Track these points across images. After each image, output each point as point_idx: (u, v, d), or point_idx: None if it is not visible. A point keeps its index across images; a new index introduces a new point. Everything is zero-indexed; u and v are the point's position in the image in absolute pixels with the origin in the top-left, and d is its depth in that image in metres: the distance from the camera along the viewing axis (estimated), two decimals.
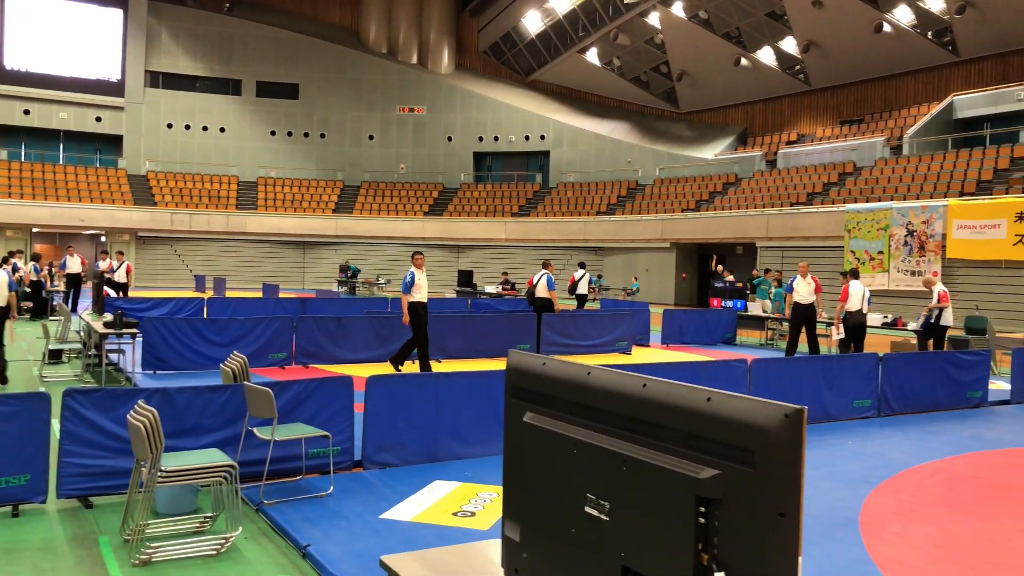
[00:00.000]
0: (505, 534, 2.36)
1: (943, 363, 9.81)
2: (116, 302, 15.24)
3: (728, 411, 1.83)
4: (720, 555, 1.79)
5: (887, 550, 4.77)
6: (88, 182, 36.91)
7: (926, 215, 22.64)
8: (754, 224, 28.21)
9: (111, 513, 5.19)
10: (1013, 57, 29.60)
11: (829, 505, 5.66)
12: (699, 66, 37.71)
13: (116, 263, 19.12)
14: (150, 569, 4.32)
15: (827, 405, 8.75)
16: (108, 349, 10.97)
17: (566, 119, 40.40)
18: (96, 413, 5.41)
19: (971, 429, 8.62)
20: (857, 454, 7.29)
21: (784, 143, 35.26)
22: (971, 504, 5.78)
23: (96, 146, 39.76)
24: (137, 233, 36.07)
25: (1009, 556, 4.72)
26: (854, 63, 33.38)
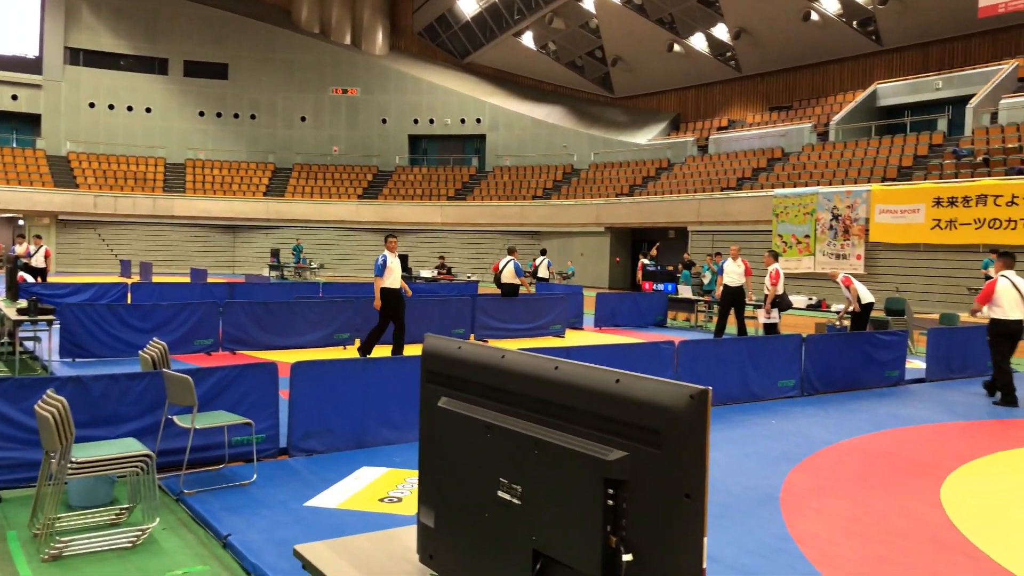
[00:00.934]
0: (420, 520, 2.34)
1: (863, 343, 10.12)
2: (32, 287, 14.67)
3: (636, 392, 1.83)
4: (628, 537, 1.80)
5: (805, 525, 4.90)
6: (3, 163, 35.37)
7: (850, 200, 23.30)
8: (686, 209, 28.65)
9: (21, 507, 4.99)
10: (933, 47, 30.58)
11: (751, 483, 5.79)
12: (633, 51, 38.00)
13: (34, 247, 18.38)
14: (61, 564, 4.17)
15: (752, 385, 8.95)
16: (23, 337, 10.54)
17: (502, 103, 40.30)
18: (4, 403, 5.19)
19: (888, 407, 8.92)
20: (780, 433, 7.48)
21: (716, 129, 35.83)
22: (885, 479, 5.98)
23: (12, 125, 38.09)
24: (58, 216, 34.77)
25: (917, 528, 4.89)
26: (783, 50, 34.06)
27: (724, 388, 8.72)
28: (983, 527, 4.95)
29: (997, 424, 8.14)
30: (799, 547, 4.52)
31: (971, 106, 25.80)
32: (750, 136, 32.44)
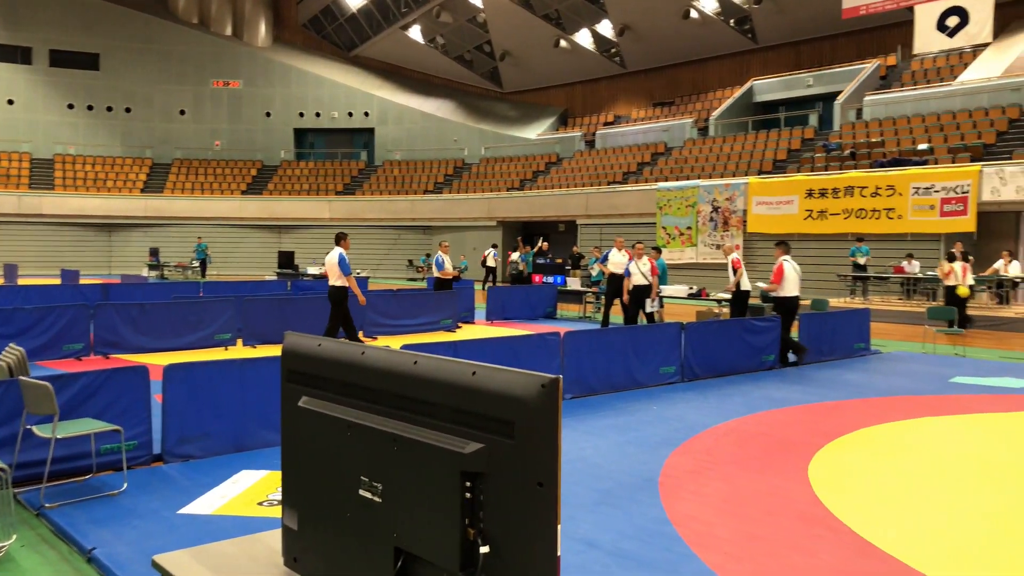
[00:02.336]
0: (284, 523, 2.28)
1: (739, 330, 10.54)
2: None
3: (491, 384, 1.84)
4: (485, 529, 1.80)
5: (682, 507, 5.06)
6: None
7: (729, 192, 24.21)
8: (575, 202, 29.11)
9: None
10: (804, 46, 32.08)
11: (632, 468, 5.93)
12: (521, 47, 38.29)
13: None
14: None
15: (635, 373, 9.18)
16: None
17: (391, 96, 39.87)
18: None
19: (762, 390, 9.33)
20: (661, 418, 7.70)
21: (602, 124, 36.52)
22: (758, 460, 6.25)
23: None
24: None
25: (786, 505, 5.13)
26: (665, 47, 35.02)
27: (608, 376, 8.91)
28: (845, 501, 5.24)
29: (861, 403, 8.63)
30: (676, 529, 4.67)
31: (839, 102, 27.24)
32: (635, 131, 33.24)
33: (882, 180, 21.00)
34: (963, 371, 10.90)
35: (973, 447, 6.85)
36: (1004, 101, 22.98)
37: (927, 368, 11.26)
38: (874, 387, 9.64)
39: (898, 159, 21.99)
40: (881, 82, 28.35)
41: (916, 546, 4.46)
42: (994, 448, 6.82)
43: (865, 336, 12.63)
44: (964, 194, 19.48)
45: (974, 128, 22.51)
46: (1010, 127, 22.08)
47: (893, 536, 4.60)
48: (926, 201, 20.15)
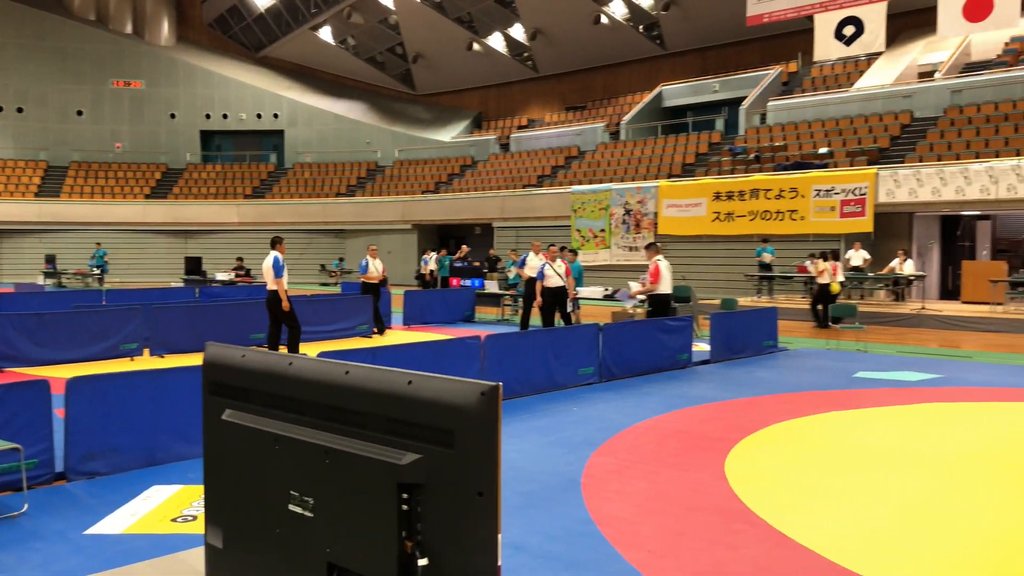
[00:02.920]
0: (208, 541, 2.19)
1: (654, 330, 10.74)
2: None
3: (428, 393, 1.81)
4: (424, 541, 1.77)
5: (605, 507, 5.11)
6: None
7: (641, 195, 24.68)
8: (491, 205, 29.18)
9: None
10: (711, 52, 33.00)
11: (555, 470, 5.97)
12: (434, 49, 38.16)
13: None
14: None
15: (555, 375, 9.25)
16: None
17: (301, 97, 39.13)
18: None
19: (678, 388, 9.53)
20: (582, 419, 7.78)
21: (516, 127, 36.74)
22: (677, 457, 6.37)
23: None
24: None
25: (706, 501, 5.25)
26: (577, 52, 35.46)
27: (529, 379, 8.95)
28: (761, 495, 5.39)
29: (772, 399, 8.91)
30: (600, 529, 4.71)
31: (744, 107, 28.11)
32: (548, 135, 33.55)
33: (785, 183, 21.76)
34: (865, 366, 11.39)
35: (878, 439, 7.15)
36: (897, 107, 24.15)
37: (832, 364, 11.71)
38: (784, 383, 9.97)
39: (800, 162, 22.83)
40: (784, 88, 29.41)
41: (828, 536, 4.62)
42: (898, 439, 7.14)
43: (773, 334, 13.05)
44: (862, 196, 20.37)
45: (870, 133, 23.58)
46: (902, 132, 23.22)
47: (807, 527, 4.76)
48: (827, 203, 20.98)
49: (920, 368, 11.18)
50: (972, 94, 22.86)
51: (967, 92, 23.01)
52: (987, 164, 18.82)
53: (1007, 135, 20.38)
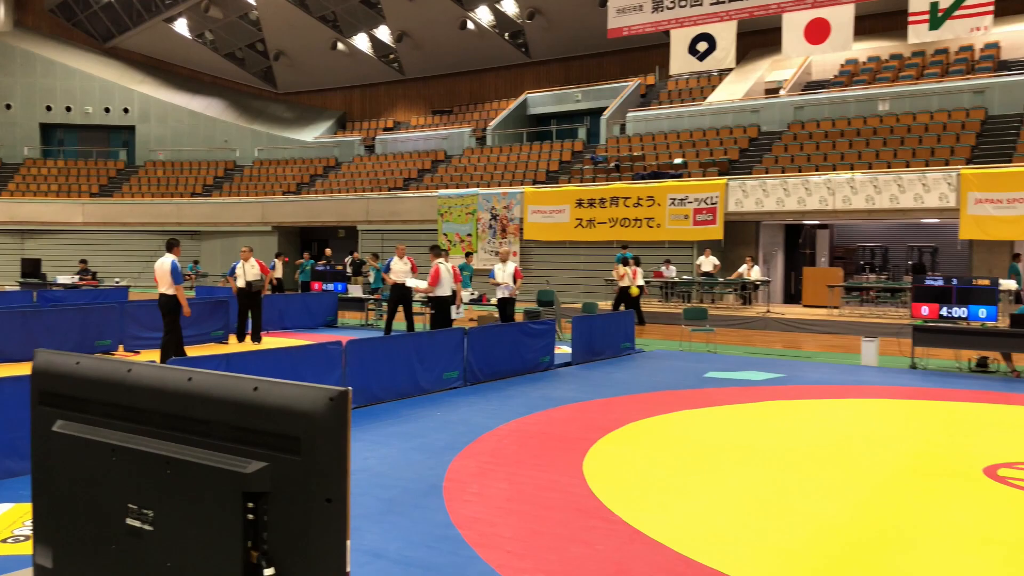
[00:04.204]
0: (36, 562, 2.06)
1: (518, 333, 10.90)
2: None
3: (275, 399, 1.77)
4: (270, 550, 1.73)
5: (466, 510, 5.14)
6: None
7: (507, 200, 24.99)
8: (355, 208, 28.75)
9: None
10: (574, 62, 33.83)
11: (417, 475, 5.95)
12: (296, 47, 37.24)
13: None
14: None
15: (420, 379, 9.22)
16: None
17: (154, 92, 37.24)
18: None
19: (541, 390, 9.71)
20: (445, 423, 7.79)
21: (382, 129, 36.39)
22: (537, 458, 6.49)
23: None
24: None
25: (564, 500, 5.37)
26: (444, 56, 35.51)
27: (393, 384, 8.88)
28: (617, 493, 5.57)
29: (629, 399, 9.22)
30: (461, 532, 4.74)
31: (604, 117, 28.98)
32: (415, 138, 33.43)
33: (643, 191, 22.59)
34: (715, 366, 11.98)
35: (726, 436, 7.54)
36: (745, 121, 25.55)
37: (685, 364, 12.25)
38: (640, 384, 10.34)
39: (657, 172, 23.77)
40: (642, 100, 30.53)
41: (678, 531, 4.83)
42: (743, 436, 7.55)
43: (630, 336, 13.51)
44: (713, 205, 21.42)
45: (721, 145, 24.83)
46: (750, 145, 24.59)
47: (659, 523, 4.96)
48: (681, 211, 21.93)
49: (765, 368, 11.87)
50: (812, 111, 24.50)
51: (808, 109, 24.65)
52: (825, 177, 20.22)
53: (843, 150, 21.96)
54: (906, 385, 10.55)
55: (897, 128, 22.22)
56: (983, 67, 24.28)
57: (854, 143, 22.18)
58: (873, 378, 11.10)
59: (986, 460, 6.60)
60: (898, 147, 21.30)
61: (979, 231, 18.46)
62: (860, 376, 11.28)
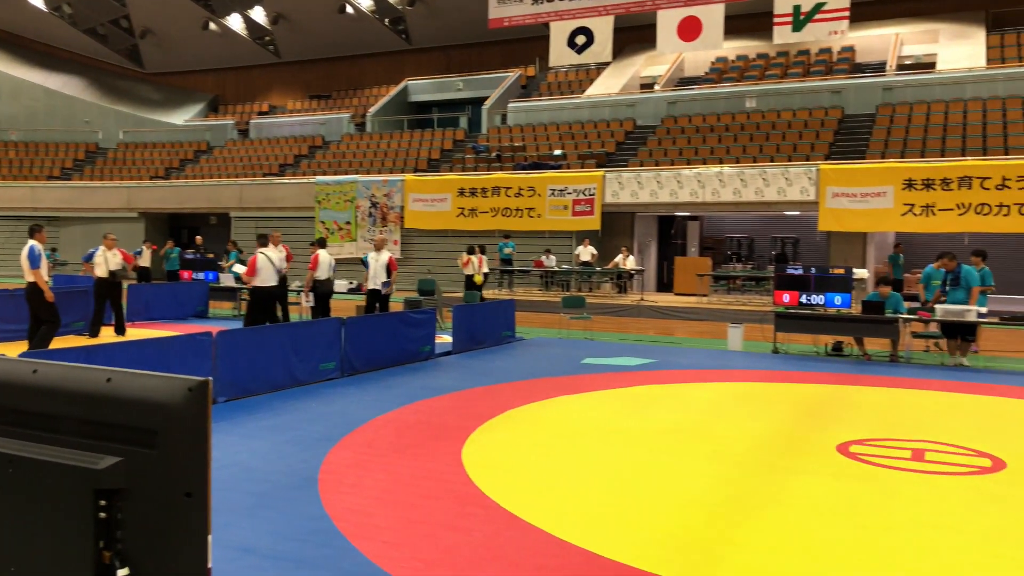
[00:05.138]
0: None
1: (397, 323, 10.82)
2: None
3: (129, 391, 1.70)
4: (124, 549, 1.66)
5: (342, 502, 5.08)
6: None
7: (387, 188, 24.71)
8: (228, 194, 27.75)
9: None
10: (455, 51, 33.74)
11: (291, 468, 5.83)
12: (165, 25, 35.53)
13: None
14: None
15: (295, 371, 9.01)
16: None
17: (5, 68, 34.75)
18: None
19: (421, 380, 9.68)
20: (321, 415, 7.65)
21: (256, 113, 35.26)
22: (415, 447, 6.48)
23: None
24: None
25: (442, 488, 5.39)
26: (322, 40, 34.70)
27: (266, 375, 8.64)
28: (495, 479, 5.64)
29: (508, 386, 9.33)
30: (335, 524, 4.68)
31: (486, 107, 29.08)
32: (291, 123, 32.56)
33: (524, 182, 22.83)
34: (592, 353, 12.27)
35: (601, 420, 7.75)
36: (621, 115, 26.20)
37: (563, 351, 12.49)
38: (520, 371, 10.47)
39: (537, 163, 24.06)
40: (522, 90, 30.80)
41: (554, 514, 4.93)
42: (617, 419, 7.78)
43: (511, 325, 13.66)
44: (591, 196, 21.88)
45: (599, 137, 25.38)
46: (626, 138, 25.24)
47: (536, 507, 5.05)
48: (560, 202, 22.29)
49: (639, 354, 12.25)
50: (685, 106, 25.38)
51: (680, 104, 25.51)
52: (696, 171, 21.00)
53: (712, 145, 22.87)
54: (768, 369, 11.13)
55: (763, 124, 23.32)
56: (840, 68, 25.80)
57: (723, 138, 23.13)
58: (738, 362, 11.66)
59: (840, 438, 7.05)
60: (763, 143, 22.37)
61: (836, 223, 19.64)
62: (726, 361, 11.82)
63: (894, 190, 18.76)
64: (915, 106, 22.18)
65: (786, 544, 4.51)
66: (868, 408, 8.57)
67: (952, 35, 25.25)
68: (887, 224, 19.37)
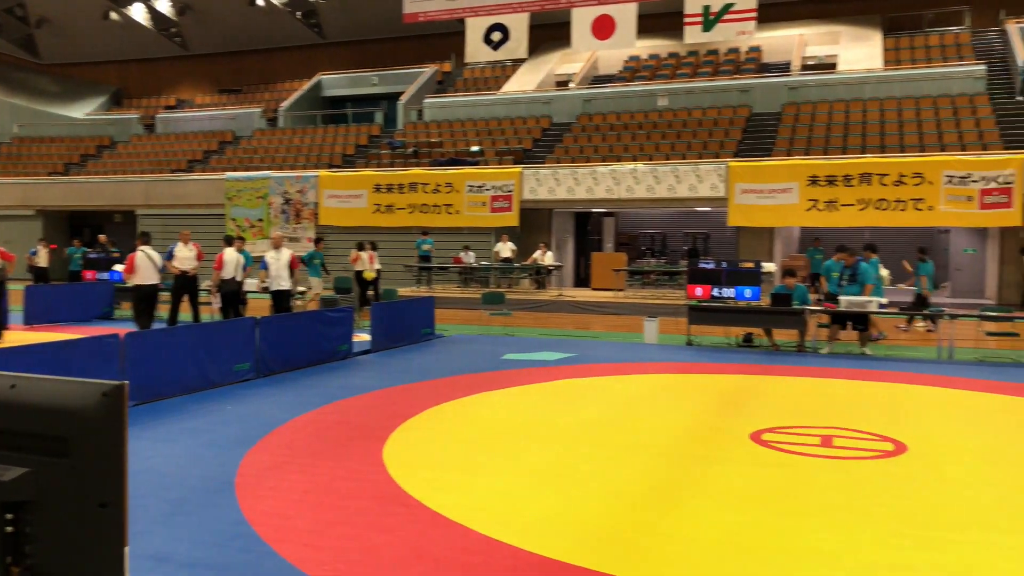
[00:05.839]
0: None
1: (314, 322, 10.64)
2: None
3: (37, 397, 1.63)
4: (36, 564, 1.59)
5: (261, 506, 4.96)
6: None
7: (300, 185, 24.25)
8: (133, 191, 26.74)
9: None
10: (370, 45, 33.35)
11: (207, 473, 5.66)
12: (63, 14, 33.97)
13: None
14: None
15: (209, 372, 8.76)
16: None
17: None
18: None
19: (339, 379, 9.55)
20: (237, 417, 7.46)
21: (163, 107, 34.11)
22: (336, 448, 6.38)
23: None
24: None
25: (363, 488, 5.32)
26: (231, 33, 33.80)
27: (179, 378, 8.37)
28: (416, 478, 5.60)
29: (429, 384, 9.29)
30: (254, 528, 4.57)
31: (402, 102, 28.83)
32: (200, 117, 31.61)
33: (441, 178, 22.73)
34: (512, 348, 12.32)
35: (521, 415, 7.79)
36: (538, 112, 26.37)
37: (483, 348, 12.51)
38: (440, 368, 10.43)
39: (455, 159, 23.99)
40: (439, 86, 30.67)
41: (477, 510, 4.94)
42: (537, 414, 7.84)
43: (430, 322, 13.59)
44: (509, 193, 21.95)
45: (516, 134, 25.48)
46: (543, 135, 25.41)
47: (458, 504, 5.04)
48: (478, 198, 22.29)
49: (558, 348, 12.36)
50: (600, 104, 25.71)
51: (596, 102, 25.84)
52: (611, 168, 21.31)
53: (626, 142, 23.25)
54: (683, 361, 11.40)
55: (674, 123, 23.84)
56: (748, 68, 26.58)
57: (637, 136, 23.54)
58: (654, 355, 11.90)
59: (753, 426, 7.27)
60: (675, 140, 22.86)
61: (744, 219, 20.24)
62: (642, 353, 12.05)
63: (799, 186, 19.46)
64: (818, 105, 23.04)
65: (707, 532, 4.63)
66: (778, 397, 8.87)
67: (852, 37, 26.34)
68: (793, 219, 20.07)
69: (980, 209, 18.18)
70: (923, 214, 18.61)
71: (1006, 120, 20.92)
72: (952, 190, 18.29)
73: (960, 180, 18.23)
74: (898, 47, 25.74)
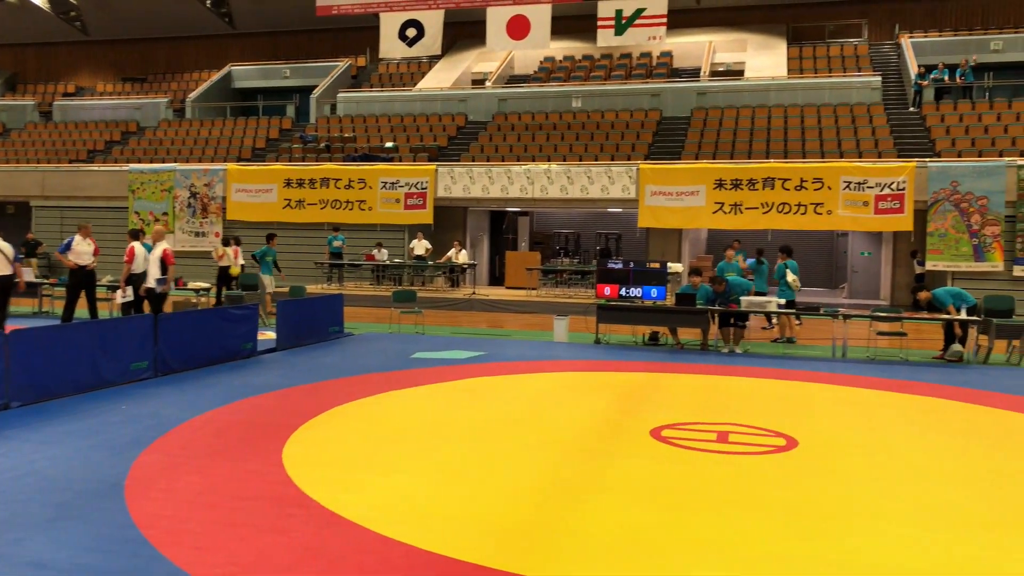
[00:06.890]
0: None
1: (217, 319, 10.37)
2: None
3: None
4: None
5: (151, 508, 4.81)
6: None
7: (208, 178, 23.57)
8: (28, 181, 25.50)
9: None
10: (282, 37, 32.68)
11: (96, 475, 5.46)
12: None
13: None
14: None
15: (103, 370, 8.43)
16: None
17: None
18: None
19: (242, 378, 9.33)
20: (131, 417, 7.21)
21: (61, 95, 32.67)
22: (234, 448, 6.24)
23: None
24: None
25: (261, 489, 5.22)
26: (136, 19, 32.61)
27: (71, 377, 8.03)
28: (316, 478, 5.53)
29: (335, 383, 9.17)
30: (143, 532, 4.42)
31: (314, 96, 28.36)
32: (102, 106, 30.40)
33: (355, 173, 22.45)
34: (422, 347, 12.28)
35: (430, 413, 7.77)
36: (453, 110, 26.32)
37: (393, 346, 12.42)
38: (347, 367, 10.31)
39: (368, 155, 23.73)
40: (353, 81, 30.29)
41: (378, 511, 4.90)
42: (446, 412, 7.83)
43: (339, 320, 13.42)
44: (423, 190, 21.84)
45: (431, 131, 25.37)
46: (458, 133, 25.38)
47: (359, 505, 4.99)
48: (392, 195, 22.11)
49: (469, 347, 12.38)
50: (515, 103, 25.84)
51: (511, 101, 25.96)
52: (525, 167, 21.45)
53: (541, 142, 23.44)
54: (590, 359, 11.58)
55: (588, 124, 24.15)
56: (659, 73, 27.16)
57: (551, 136, 23.75)
58: (563, 353, 12.05)
59: (653, 423, 7.44)
60: (588, 142, 23.18)
61: (654, 220, 20.67)
62: (552, 352, 12.18)
63: (706, 189, 19.99)
64: (726, 110, 23.71)
65: (608, 528, 4.71)
66: (679, 394, 9.10)
67: (758, 45, 27.21)
68: (700, 221, 20.61)
69: (875, 214, 19.05)
70: (823, 218, 19.39)
71: (899, 129, 21.98)
72: (850, 195, 19.11)
73: (857, 186, 19.06)
74: (801, 56, 26.72)
